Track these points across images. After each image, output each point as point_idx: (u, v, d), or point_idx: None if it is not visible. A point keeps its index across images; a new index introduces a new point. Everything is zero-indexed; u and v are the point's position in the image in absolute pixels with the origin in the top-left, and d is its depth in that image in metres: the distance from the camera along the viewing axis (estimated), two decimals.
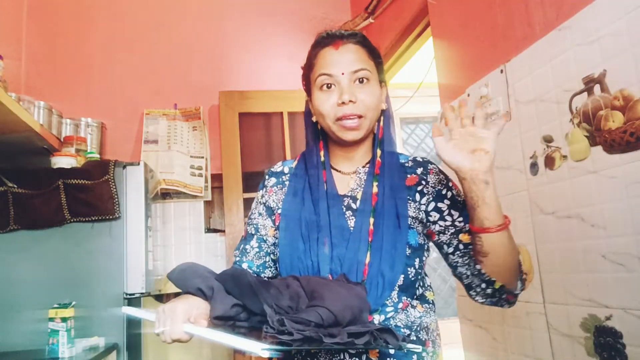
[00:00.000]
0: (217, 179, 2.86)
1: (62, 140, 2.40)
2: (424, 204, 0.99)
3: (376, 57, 1.04)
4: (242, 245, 1.09)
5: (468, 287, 0.97)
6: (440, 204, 0.99)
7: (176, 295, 2.69)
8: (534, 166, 1.47)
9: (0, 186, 2.03)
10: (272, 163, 1.22)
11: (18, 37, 2.78)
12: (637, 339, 1.13)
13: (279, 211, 1.06)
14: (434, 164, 1.05)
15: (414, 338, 0.94)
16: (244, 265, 1.05)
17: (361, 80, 0.98)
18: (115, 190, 2.10)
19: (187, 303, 0.83)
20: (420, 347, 0.92)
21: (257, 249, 1.06)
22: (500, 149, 1.62)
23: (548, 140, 1.41)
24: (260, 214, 1.09)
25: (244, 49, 3.08)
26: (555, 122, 1.38)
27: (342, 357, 0.89)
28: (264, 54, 3.09)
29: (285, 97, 2.90)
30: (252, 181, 2.95)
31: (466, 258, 0.96)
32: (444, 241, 0.99)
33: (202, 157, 2.84)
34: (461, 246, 0.96)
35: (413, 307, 0.96)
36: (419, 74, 2.98)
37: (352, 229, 0.96)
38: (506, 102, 1.59)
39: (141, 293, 2.09)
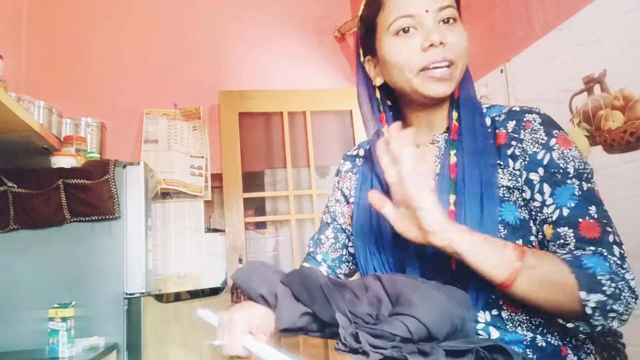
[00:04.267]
0: (217, 178, 2.86)
1: (62, 140, 2.40)
2: (518, 170, 0.74)
3: None
4: (316, 236, 0.97)
5: None
6: (532, 175, 0.73)
7: (176, 295, 2.67)
8: None
9: (0, 186, 2.03)
10: (272, 163, 1.20)
11: (18, 37, 2.77)
12: (637, 338, 1.13)
13: (352, 199, 0.92)
14: (537, 113, 0.77)
15: (543, 343, 0.70)
16: (318, 258, 0.94)
17: (448, 20, 0.78)
18: (115, 190, 2.10)
19: (248, 312, 0.71)
20: None
21: (332, 240, 0.94)
22: None
23: None
24: (337, 201, 0.96)
25: (244, 48, 3.08)
26: None
27: None
28: (264, 54, 3.08)
29: (285, 97, 2.90)
30: (252, 181, 2.96)
31: None
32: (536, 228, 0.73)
33: (202, 157, 2.84)
34: (545, 241, 0.72)
35: None
36: None
37: None
38: (506, 102, 1.59)
39: (141, 293, 2.09)
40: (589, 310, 0.63)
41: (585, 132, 1.27)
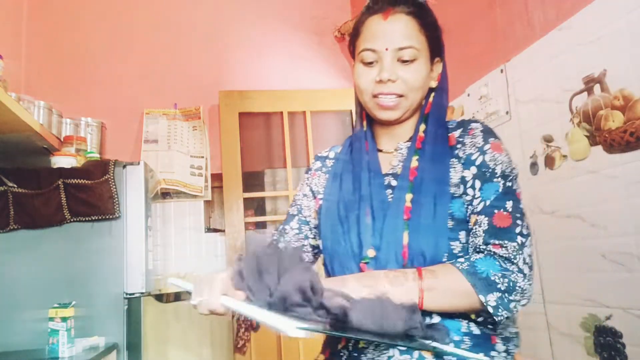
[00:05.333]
0: (217, 178, 2.86)
1: (62, 140, 2.40)
2: (460, 170, 0.87)
3: (431, 29, 0.93)
4: (282, 226, 1.04)
5: None
6: (466, 172, 0.86)
7: (176, 295, 2.67)
8: (534, 166, 1.47)
9: (0, 186, 2.03)
10: (272, 163, 1.23)
11: (18, 37, 2.77)
12: (637, 338, 1.14)
13: (320, 196, 1.01)
14: (480, 123, 0.92)
15: (475, 330, 0.81)
16: (280, 245, 0.99)
17: (405, 59, 0.89)
18: (115, 190, 2.10)
19: (225, 274, 0.77)
20: (479, 356, 0.75)
21: (296, 230, 1.02)
22: None
23: (548, 139, 1.41)
24: (305, 195, 1.05)
25: (244, 48, 3.08)
26: (555, 121, 1.38)
27: (391, 354, 0.79)
28: (264, 54, 3.08)
29: (285, 97, 2.90)
30: (252, 181, 2.95)
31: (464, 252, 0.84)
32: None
33: (202, 157, 2.84)
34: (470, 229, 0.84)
35: None
36: None
37: (390, 205, 0.88)
38: (506, 102, 1.59)
39: (141, 293, 2.09)
40: (491, 309, 0.75)
41: (585, 132, 1.27)
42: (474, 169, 0.85)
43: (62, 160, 2.14)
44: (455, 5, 1.94)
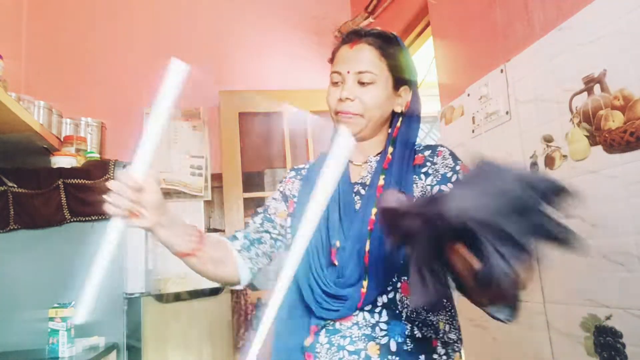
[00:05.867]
0: (217, 178, 2.86)
1: (62, 139, 2.40)
2: (429, 185, 0.99)
3: (392, 58, 1.04)
4: (247, 221, 1.16)
5: None
6: (443, 186, 0.97)
7: (176, 295, 2.66)
8: (534, 166, 1.47)
9: (0, 186, 2.03)
10: (272, 163, 1.27)
11: (18, 37, 2.78)
12: (637, 338, 1.13)
13: (294, 199, 1.12)
14: (446, 148, 1.05)
15: (419, 335, 0.91)
16: (238, 235, 1.11)
17: (364, 82, 1.01)
18: None
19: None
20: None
21: (258, 225, 1.13)
22: (500, 148, 1.62)
23: (548, 139, 1.41)
24: (274, 199, 1.17)
25: (244, 48, 3.08)
26: (555, 121, 1.38)
27: (341, 355, 0.90)
28: (264, 54, 3.08)
29: (285, 97, 2.90)
30: (252, 181, 2.95)
31: None
32: None
33: (202, 157, 2.84)
34: None
35: None
36: (419, 73, 2.98)
37: (357, 211, 0.99)
38: (506, 102, 1.59)
39: (141, 293, 2.09)
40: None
41: (585, 132, 1.27)
42: (449, 185, 0.97)
43: (62, 160, 2.14)
44: (455, 5, 1.93)
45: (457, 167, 0.99)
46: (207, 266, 1.00)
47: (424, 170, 1.01)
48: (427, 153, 1.04)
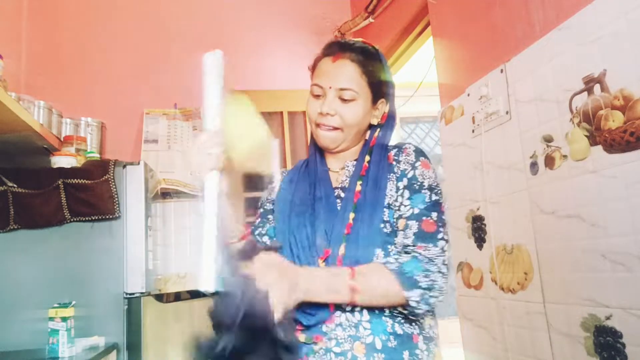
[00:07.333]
0: None
1: (62, 139, 2.40)
2: (394, 182, 1.03)
3: (372, 75, 1.06)
4: (249, 221, 1.21)
5: None
6: (399, 183, 1.02)
7: (176, 295, 2.65)
8: (534, 166, 1.47)
9: (0, 186, 2.02)
10: (272, 163, 1.28)
11: (18, 37, 2.77)
12: (637, 338, 1.14)
13: (273, 206, 1.18)
14: (412, 145, 1.08)
15: (400, 331, 0.94)
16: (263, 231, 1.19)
17: (345, 99, 1.03)
18: (115, 189, 2.10)
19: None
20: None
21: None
22: (500, 148, 1.63)
23: (548, 139, 1.41)
24: (259, 224, 1.24)
25: (244, 48, 3.07)
26: (555, 121, 1.38)
27: (329, 358, 0.92)
28: (264, 54, 3.08)
29: (285, 97, 2.90)
30: (252, 181, 2.95)
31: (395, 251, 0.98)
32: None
33: None
34: (397, 231, 0.98)
35: None
36: (418, 73, 2.97)
37: (338, 214, 1.03)
38: (506, 102, 1.59)
39: (141, 293, 2.09)
40: (413, 303, 0.90)
41: (585, 132, 1.27)
42: (405, 181, 1.01)
43: (62, 160, 2.14)
44: (455, 5, 1.94)
45: (417, 164, 1.03)
46: None
47: (393, 169, 1.05)
48: (394, 152, 1.07)
